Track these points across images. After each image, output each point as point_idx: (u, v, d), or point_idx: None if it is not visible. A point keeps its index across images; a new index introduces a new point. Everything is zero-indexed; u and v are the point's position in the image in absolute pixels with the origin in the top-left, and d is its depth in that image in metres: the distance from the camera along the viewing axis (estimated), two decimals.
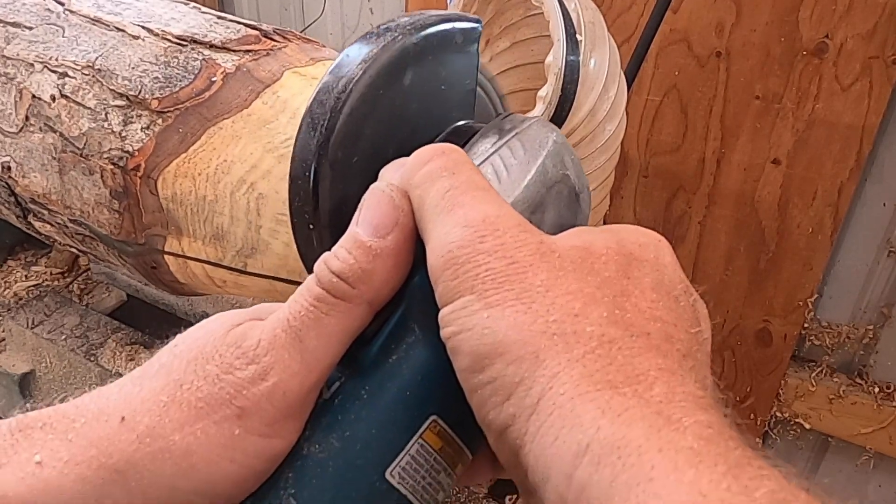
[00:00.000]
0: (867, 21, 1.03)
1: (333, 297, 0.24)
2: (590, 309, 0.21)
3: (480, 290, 0.22)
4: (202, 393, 0.23)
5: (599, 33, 0.83)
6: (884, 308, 1.24)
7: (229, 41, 0.55)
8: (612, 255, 0.23)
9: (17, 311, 1.17)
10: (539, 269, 0.22)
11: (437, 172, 0.25)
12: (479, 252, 0.22)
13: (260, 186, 0.49)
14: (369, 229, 0.25)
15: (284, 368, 0.23)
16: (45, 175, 0.56)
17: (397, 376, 0.24)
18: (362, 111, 0.27)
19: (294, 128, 0.50)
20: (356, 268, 0.24)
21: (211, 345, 0.24)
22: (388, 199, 0.25)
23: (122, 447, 0.22)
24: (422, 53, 0.28)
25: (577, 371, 0.20)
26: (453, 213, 0.23)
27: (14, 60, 0.57)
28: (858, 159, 1.11)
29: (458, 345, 0.22)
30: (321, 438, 0.24)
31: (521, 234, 0.23)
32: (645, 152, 1.27)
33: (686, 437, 0.18)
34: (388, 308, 0.25)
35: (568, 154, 0.29)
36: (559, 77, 0.77)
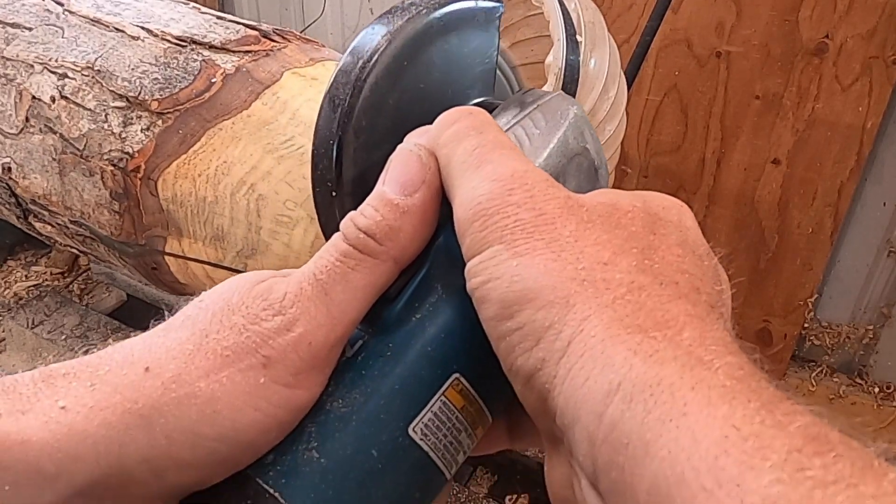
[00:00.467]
0: (867, 21, 1.03)
1: (360, 253, 0.24)
2: (619, 258, 0.21)
3: (510, 239, 0.22)
4: (228, 342, 0.23)
5: (599, 33, 0.83)
6: (884, 308, 1.24)
7: (229, 42, 0.55)
8: (638, 212, 0.24)
9: (17, 311, 1.17)
10: (568, 220, 0.22)
11: (465, 132, 0.25)
12: (508, 204, 0.22)
13: (260, 188, 0.49)
14: (397, 187, 0.25)
15: (310, 320, 0.23)
16: (45, 176, 0.56)
17: (421, 334, 0.24)
18: (387, 81, 0.27)
19: (294, 128, 0.50)
20: (383, 224, 0.24)
21: (237, 297, 0.24)
22: (416, 157, 0.25)
23: (147, 393, 0.22)
24: (445, 28, 0.29)
25: (607, 315, 0.20)
26: (481, 169, 0.24)
27: (14, 61, 0.57)
28: (858, 159, 1.11)
29: (487, 293, 0.22)
30: (344, 394, 0.24)
31: (549, 188, 0.23)
32: (645, 152, 1.27)
33: (718, 376, 0.18)
34: (412, 267, 0.26)
35: (588, 128, 0.30)
36: (559, 77, 0.77)
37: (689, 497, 0.16)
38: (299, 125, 0.50)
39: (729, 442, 0.16)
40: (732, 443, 0.16)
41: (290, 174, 0.48)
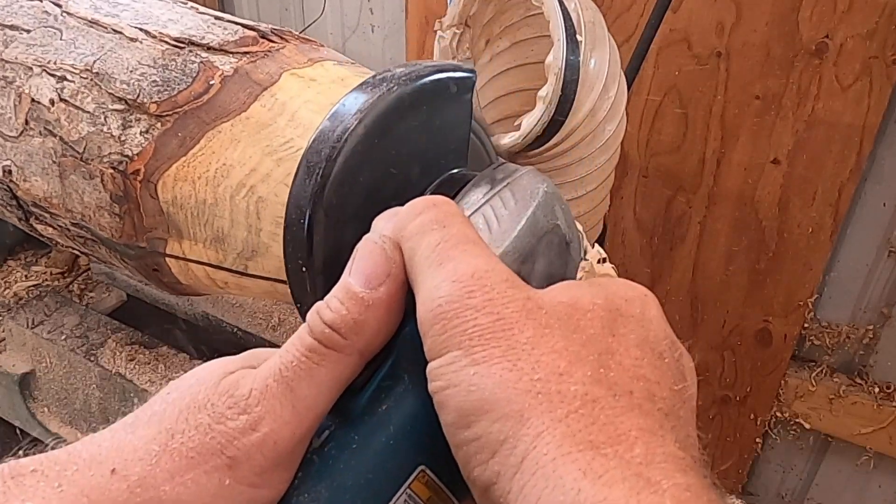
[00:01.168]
0: (867, 21, 1.03)
1: (325, 348, 0.24)
2: (574, 368, 0.22)
3: (468, 346, 0.22)
4: (193, 443, 0.23)
5: (599, 33, 0.83)
6: (884, 308, 1.24)
7: (227, 43, 0.55)
8: (599, 311, 0.24)
9: (17, 311, 1.17)
10: (525, 325, 0.22)
11: (429, 225, 0.25)
12: (467, 307, 0.23)
13: (259, 190, 0.48)
14: (361, 280, 0.25)
15: (276, 419, 0.23)
16: (45, 179, 0.56)
17: (387, 425, 0.24)
18: (357, 160, 0.28)
19: (293, 130, 0.50)
20: (348, 318, 0.25)
21: (203, 393, 0.24)
22: (381, 250, 0.26)
23: (113, 496, 0.22)
24: (416, 103, 0.29)
25: (560, 430, 0.20)
26: (443, 267, 0.24)
27: (12, 64, 0.57)
28: (858, 159, 1.11)
29: (445, 400, 0.22)
30: (310, 487, 0.24)
31: (508, 289, 0.23)
32: (645, 152, 1.27)
33: (665, 500, 0.19)
34: (378, 357, 0.26)
35: (558, 203, 0.30)
36: (559, 77, 0.77)
37: None
38: (298, 127, 0.50)
39: None
40: None
41: (290, 176, 0.48)
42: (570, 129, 0.80)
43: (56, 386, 1.08)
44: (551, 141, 0.80)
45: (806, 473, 1.43)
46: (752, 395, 1.37)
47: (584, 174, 0.85)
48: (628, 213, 1.33)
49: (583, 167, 0.85)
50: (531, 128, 0.77)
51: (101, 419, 1.03)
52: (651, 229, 1.32)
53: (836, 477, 1.40)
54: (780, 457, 1.44)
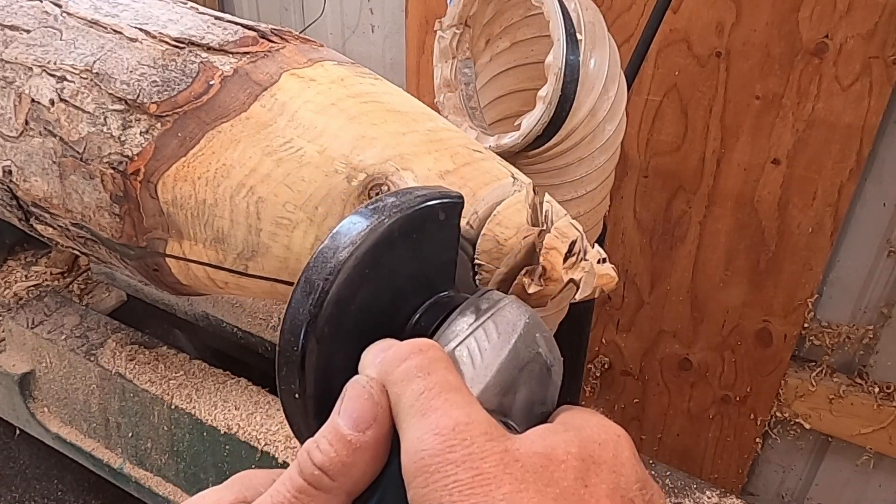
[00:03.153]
0: (867, 21, 1.03)
1: (314, 489, 0.26)
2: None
3: (448, 501, 0.24)
4: None
5: (599, 33, 0.83)
6: (884, 308, 1.24)
7: (227, 43, 0.55)
8: (572, 461, 0.25)
9: (17, 311, 1.17)
10: (502, 481, 0.24)
11: (414, 372, 0.27)
12: (447, 462, 0.24)
13: (259, 190, 0.48)
14: (350, 423, 0.27)
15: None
16: (45, 179, 0.56)
17: None
18: (349, 290, 0.29)
19: (293, 130, 0.50)
20: (337, 461, 0.26)
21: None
22: (368, 394, 0.27)
23: None
24: (407, 233, 0.31)
25: None
26: (426, 418, 0.26)
27: (13, 64, 0.57)
28: (858, 159, 1.11)
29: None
30: None
31: (487, 443, 0.25)
32: (645, 152, 1.27)
33: None
34: (365, 493, 0.27)
35: (540, 331, 0.31)
36: (559, 77, 0.77)
37: None
38: (298, 127, 0.50)
39: None
40: None
41: (290, 176, 0.48)
42: (570, 129, 0.80)
43: (56, 386, 1.08)
44: (551, 141, 0.80)
45: (806, 473, 1.43)
46: (752, 395, 1.37)
47: (584, 174, 0.85)
48: (628, 213, 1.33)
49: (583, 167, 0.85)
50: (531, 128, 0.77)
51: (101, 419, 1.03)
52: (651, 229, 1.32)
53: (836, 477, 1.40)
54: (780, 457, 1.44)
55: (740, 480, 1.48)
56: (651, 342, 1.42)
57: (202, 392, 0.92)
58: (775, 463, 1.45)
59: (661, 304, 1.38)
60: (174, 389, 0.93)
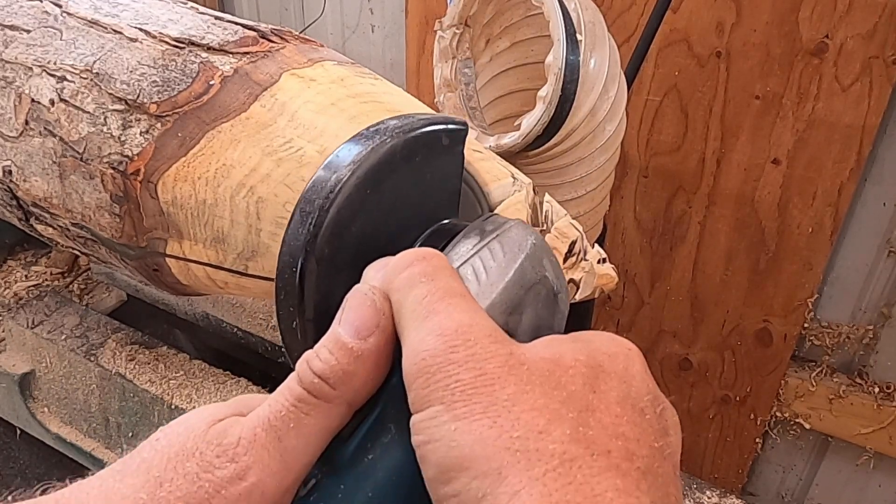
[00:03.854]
0: (867, 21, 1.03)
1: (314, 398, 0.25)
2: (553, 426, 0.22)
3: (449, 401, 0.23)
4: (181, 492, 0.23)
5: (599, 33, 0.83)
6: (884, 308, 1.24)
7: (227, 43, 0.55)
8: (581, 367, 0.24)
9: (17, 311, 1.17)
10: (507, 382, 0.23)
11: (417, 278, 0.26)
12: (450, 362, 0.23)
13: (259, 190, 0.48)
14: (351, 330, 0.26)
15: (263, 468, 0.23)
16: (45, 179, 0.56)
17: (372, 475, 0.25)
18: (350, 210, 0.28)
19: (293, 130, 0.50)
20: (337, 369, 0.25)
21: (192, 441, 0.24)
22: (370, 301, 0.26)
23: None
24: (409, 156, 0.30)
25: (537, 490, 0.21)
26: (428, 320, 0.24)
27: (13, 64, 0.57)
28: (858, 159, 1.11)
29: (426, 454, 0.23)
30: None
31: (491, 345, 0.24)
32: (645, 152, 1.27)
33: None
34: (365, 407, 0.26)
35: (547, 256, 0.30)
36: (559, 77, 0.77)
37: None
38: (298, 127, 0.50)
39: None
40: None
41: (290, 176, 0.48)
42: (570, 129, 0.80)
43: (56, 386, 1.08)
44: (551, 141, 0.80)
45: (806, 473, 1.43)
46: (752, 395, 1.37)
47: (584, 174, 0.85)
48: (628, 213, 1.33)
49: (583, 167, 0.85)
50: (531, 128, 0.77)
51: (100, 419, 1.03)
52: (651, 229, 1.32)
53: (836, 477, 1.40)
54: (780, 457, 1.44)
55: (740, 480, 1.47)
56: (651, 342, 1.42)
57: (202, 392, 0.92)
58: (775, 463, 1.45)
59: (661, 304, 1.38)
60: (174, 389, 0.93)
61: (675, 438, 0.25)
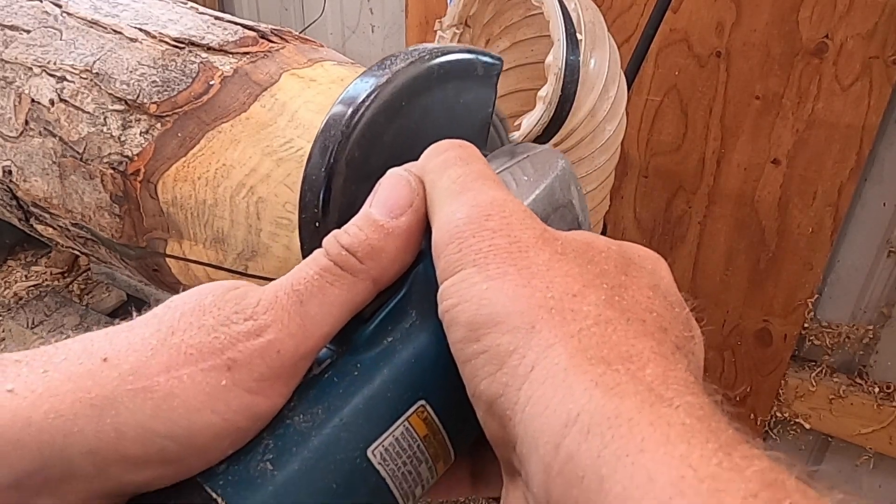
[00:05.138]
0: (867, 21, 1.03)
1: (340, 269, 0.24)
2: (588, 291, 0.22)
3: (482, 263, 0.22)
4: (194, 340, 0.22)
5: (599, 33, 0.83)
6: (884, 308, 1.24)
7: (227, 43, 0.55)
8: (613, 253, 0.24)
9: (17, 311, 1.17)
10: (541, 250, 0.22)
11: (452, 161, 0.26)
12: (484, 228, 0.23)
13: (259, 190, 0.49)
14: (384, 209, 0.25)
15: (282, 328, 0.23)
16: (45, 179, 0.56)
17: (390, 356, 0.24)
18: (384, 118, 0.28)
19: (293, 130, 0.50)
20: (366, 243, 0.24)
21: (210, 299, 0.24)
22: (405, 181, 0.26)
23: (101, 383, 0.21)
24: (445, 76, 0.30)
25: (572, 345, 0.20)
26: (462, 195, 0.24)
27: (12, 64, 0.57)
28: (858, 159, 1.11)
29: (456, 316, 0.22)
30: (306, 409, 0.23)
31: (526, 219, 0.23)
32: (645, 152, 1.27)
33: (678, 414, 0.18)
34: (389, 291, 0.26)
35: (574, 184, 0.30)
36: (559, 77, 0.77)
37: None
38: (298, 127, 0.50)
39: (685, 483, 0.16)
40: (688, 484, 0.16)
41: (290, 177, 0.48)
42: (570, 129, 0.80)
43: None
44: (551, 141, 0.80)
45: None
46: (752, 394, 1.37)
47: (584, 174, 0.85)
48: (628, 213, 1.33)
49: (583, 167, 0.85)
50: (531, 128, 0.77)
51: None
52: (651, 229, 1.32)
53: (836, 477, 1.40)
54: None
55: None
56: None
57: None
58: None
59: None
60: None
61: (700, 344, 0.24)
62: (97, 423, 0.20)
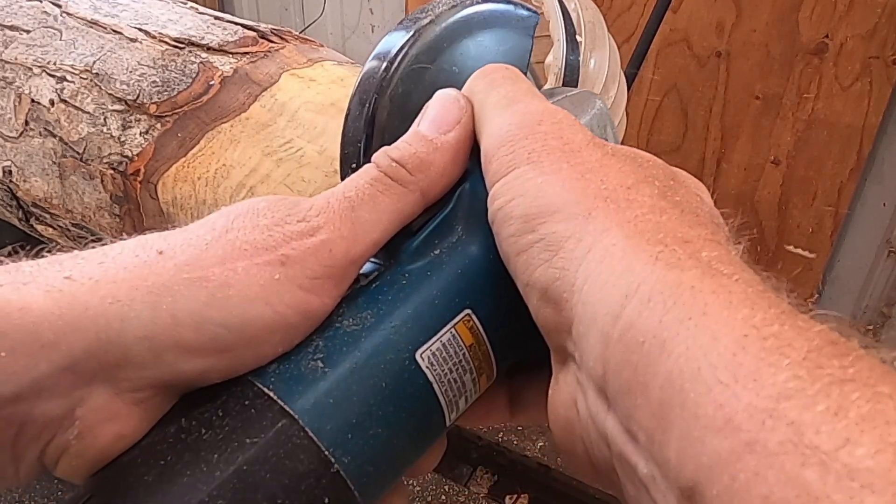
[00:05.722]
0: (867, 21, 1.03)
1: (391, 180, 0.25)
2: (642, 185, 0.22)
3: (536, 160, 0.22)
4: (249, 237, 0.23)
5: (599, 33, 0.83)
6: (884, 308, 1.24)
7: (226, 43, 0.55)
8: (660, 164, 0.24)
9: None
10: (593, 151, 0.23)
11: (500, 81, 0.26)
12: (536, 131, 0.23)
13: (259, 190, 0.49)
14: (433, 126, 0.26)
15: (334, 230, 0.23)
16: (45, 179, 0.56)
17: (437, 267, 0.25)
18: (427, 57, 0.29)
19: (292, 130, 0.50)
20: (416, 156, 0.25)
21: (263, 204, 0.24)
22: (454, 99, 0.26)
23: (157, 272, 0.21)
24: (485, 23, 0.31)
25: (629, 228, 0.20)
26: (512, 107, 0.25)
27: (12, 64, 0.57)
28: (858, 159, 1.11)
29: (510, 210, 0.22)
30: (355, 313, 0.24)
31: (576, 125, 0.24)
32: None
33: (739, 286, 0.18)
34: (436, 206, 0.26)
35: (610, 125, 0.31)
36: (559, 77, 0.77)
37: (704, 391, 0.16)
38: (298, 127, 0.50)
39: (748, 340, 0.16)
40: (752, 341, 0.16)
41: (290, 177, 0.48)
42: None
43: None
44: None
45: None
46: None
47: None
48: None
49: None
50: None
51: None
52: None
53: None
54: None
55: None
56: None
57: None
58: None
59: None
60: None
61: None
62: (153, 309, 0.21)
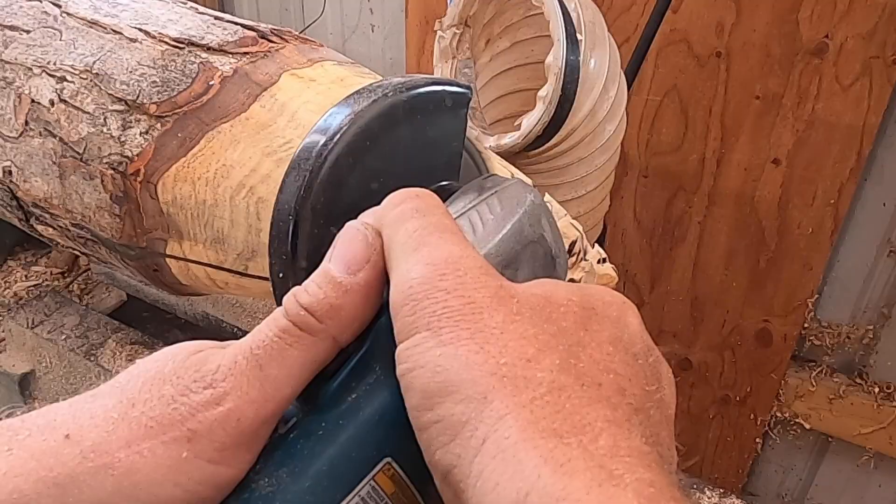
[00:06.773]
0: (867, 21, 1.03)
1: (300, 330, 0.24)
2: (542, 355, 0.21)
3: (436, 327, 0.22)
4: (154, 413, 0.22)
5: (599, 33, 0.83)
6: (884, 308, 1.24)
7: (227, 43, 0.55)
8: (573, 307, 0.23)
9: (17, 311, 1.17)
10: (496, 311, 0.22)
11: (409, 213, 0.25)
12: (437, 290, 0.22)
13: (259, 190, 0.49)
14: (342, 265, 0.25)
15: (241, 395, 0.23)
16: (45, 180, 0.56)
17: (354, 414, 0.24)
18: (348, 161, 0.28)
19: (292, 131, 0.50)
20: (325, 302, 0.24)
21: (170, 367, 0.24)
22: (362, 236, 0.25)
23: (63, 461, 0.21)
24: (411, 112, 0.29)
25: (523, 416, 0.20)
26: (418, 252, 0.24)
27: (12, 65, 0.57)
28: (858, 159, 1.11)
29: (411, 382, 0.22)
30: (271, 472, 0.23)
31: (481, 275, 0.23)
32: (645, 152, 1.27)
33: (627, 494, 0.18)
34: (351, 346, 0.25)
35: (546, 216, 0.29)
36: (559, 77, 0.77)
37: None
38: (298, 128, 0.50)
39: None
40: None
41: None
42: (570, 129, 0.80)
43: (56, 386, 1.08)
44: (551, 141, 0.80)
45: (806, 473, 1.43)
46: (752, 395, 1.37)
47: (584, 174, 0.85)
48: (628, 213, 1.33)
49: (583, 167, 0.85)
50: (531, 128, 0.77)
51: None
52: (651, 229, 1.32)
53: (836, 477, 1.40)
54: (780, 457, 1.44)
55: (740, 480, 1.47)
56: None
57: None
58: (775, 463, 1.45)
59: (661, 304, 1.38)
60: None
61: (669, 391, 0.24)
62: (60, 503, 0.21)
